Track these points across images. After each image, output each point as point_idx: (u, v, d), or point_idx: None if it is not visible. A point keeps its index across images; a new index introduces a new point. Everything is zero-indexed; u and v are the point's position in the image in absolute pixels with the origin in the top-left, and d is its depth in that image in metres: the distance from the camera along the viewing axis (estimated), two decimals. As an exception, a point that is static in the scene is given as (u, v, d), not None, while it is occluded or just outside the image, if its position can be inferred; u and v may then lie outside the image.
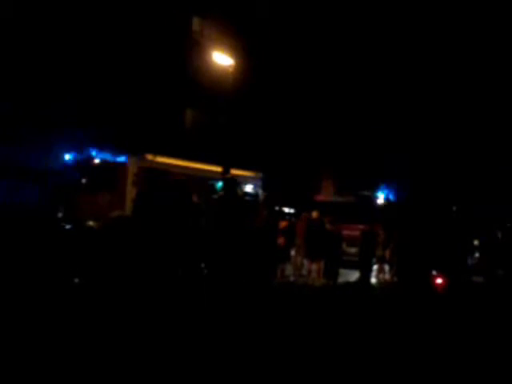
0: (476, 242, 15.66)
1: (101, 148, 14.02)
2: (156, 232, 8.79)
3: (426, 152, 26.03)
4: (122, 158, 13.84)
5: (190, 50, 20.99)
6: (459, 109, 26.26)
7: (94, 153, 13.84)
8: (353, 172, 23.54)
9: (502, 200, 25.73)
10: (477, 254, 15.58)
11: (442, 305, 9.30)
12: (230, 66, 16.40)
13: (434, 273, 11.47)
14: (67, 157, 14.10)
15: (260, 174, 18.09)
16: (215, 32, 20.97)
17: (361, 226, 15.53)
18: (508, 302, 10.40)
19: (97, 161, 13.81)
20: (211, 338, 5.89)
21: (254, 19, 22.48)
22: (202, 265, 8.82)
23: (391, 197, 21.48)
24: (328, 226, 13.42)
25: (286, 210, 18.41)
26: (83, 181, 13.75)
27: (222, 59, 16.60)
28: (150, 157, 14.17)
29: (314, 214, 13.78)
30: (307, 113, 24.27)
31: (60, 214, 12.88)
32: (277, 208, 15.72)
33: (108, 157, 13.89)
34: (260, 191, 17.22)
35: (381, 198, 19.83)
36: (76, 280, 8.95)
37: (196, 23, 22.48)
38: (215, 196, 12.28)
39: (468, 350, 6.45)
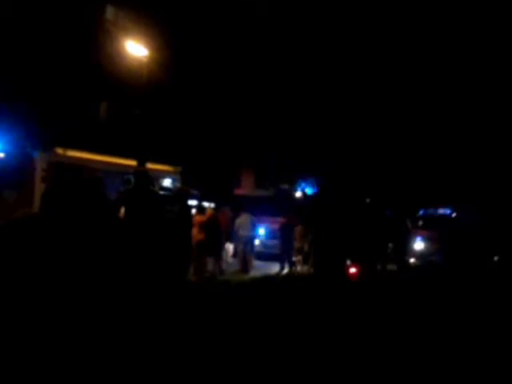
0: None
1: (6, 140, 13.11)
2: (66, 231, 8.33)
3: (338, 146, 26.74)
4: (29, 152, 13.05)
5: (103, 40, 20.15)
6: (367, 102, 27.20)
7: None
8: (272, 166, 23.78)
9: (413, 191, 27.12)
10: (391, 244, 16.25)
11: (353, 292, 9.66)
12: (144, 57, 15.99)
13: (348, 263, 11.89)
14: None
15: (179, 169, 17.75)
16: (129, 21, 20.26)
17: (280, 219, 15.77)
18: (408, 287, 11.10)
19: (1, 154, 12.93)
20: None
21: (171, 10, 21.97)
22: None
23: (309, 190, 21.95)
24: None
25: (207, 204, 18.22)
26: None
27: (136, 49, 16.16)
28: (60, 151, 13.46)
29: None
30: (226, 105, 24.13)
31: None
32: (197, 202, 15.47)
33: (14, 150, 13.04)
34: (178, 186, 16.88)
35: (299, 192, 20.23)
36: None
37: (110, 12, 21.61)
38: (123, 189, 11.69)
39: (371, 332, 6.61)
